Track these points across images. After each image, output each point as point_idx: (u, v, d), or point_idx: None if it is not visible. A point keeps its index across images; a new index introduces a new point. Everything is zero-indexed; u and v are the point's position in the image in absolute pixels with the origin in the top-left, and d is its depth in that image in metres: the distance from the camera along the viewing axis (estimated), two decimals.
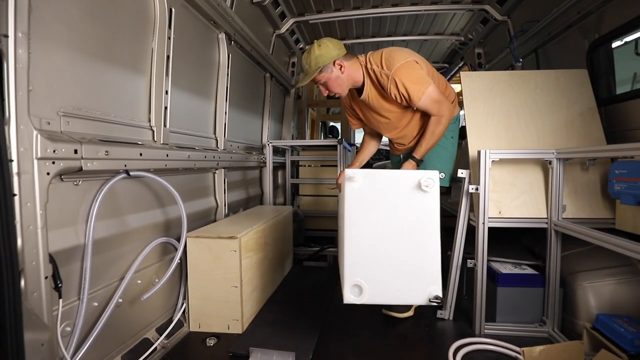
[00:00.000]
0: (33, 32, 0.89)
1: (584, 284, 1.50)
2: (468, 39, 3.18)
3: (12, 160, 0.80)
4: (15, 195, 0.79)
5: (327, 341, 1.52)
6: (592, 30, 1.79)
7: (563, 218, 1.51)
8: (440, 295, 1.24)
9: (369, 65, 1.65)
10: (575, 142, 1.64)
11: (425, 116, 1.64)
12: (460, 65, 3.67)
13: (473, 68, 3.26)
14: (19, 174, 0.83)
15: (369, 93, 1.69)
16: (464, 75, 1.82)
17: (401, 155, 1.96)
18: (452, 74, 4.05)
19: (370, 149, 1.96)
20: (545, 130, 1.68)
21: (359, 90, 1.71)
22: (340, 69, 1.61)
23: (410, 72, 1.54)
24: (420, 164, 1.67)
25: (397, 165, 2.00)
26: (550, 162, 1.51)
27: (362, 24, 3.04)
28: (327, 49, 1.58)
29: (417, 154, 1.65)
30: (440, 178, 1.59)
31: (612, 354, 1.14)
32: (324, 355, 1.41)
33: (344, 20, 2.91)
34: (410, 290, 1.24)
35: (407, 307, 1.73)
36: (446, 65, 3.99)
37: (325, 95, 1.71)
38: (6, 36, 0.80)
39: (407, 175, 1.26)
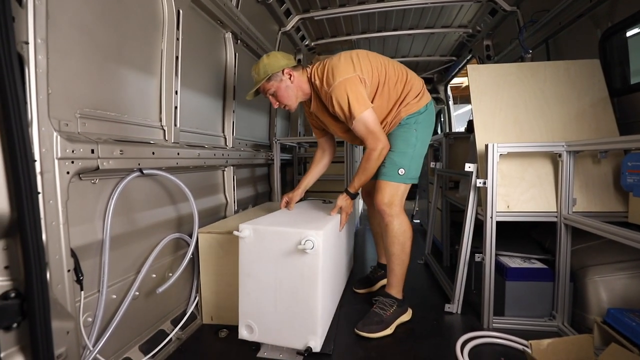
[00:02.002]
0: (50, 38, 0.93)
1: (595, 278, 1.48)
2: (476, 31, 3.13)
3: (35, 160, 0.84)
4: (39, 193, 0.84)
5: (337, 332, 1.55)
6: (604, 18, 1.75)
7: (573, 212, 1.50)
8: (313, 347, 1.33)
9: (312, 79, 1.59)
10: (586, 135, 1.61)
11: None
12: (468, 57, 3.61)
13: (482, 60, 3.22)
14: (41, 173, 0.87)
15: (316, 106, 1.65)
16: (471, 68, 1.81)
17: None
18: (460, 66, 4.00)
19: (319, 169, 1.92)
20: (554, 123, 1.66)
21: (310, 102, 1.67)
22: (290, 78, 1.56)
23: (349, 90, 1.46)
24: (355, 197, 1.67)
25: None
26: (560, 155, 1.50)
27: (368, 18, 3.03)
28: (275, 59, 1.55)
29: (351, 188, 1.63)
30: (399, 174, 1.58)
31: (622, 348, 1.13)
32: (332, 346, 1.44)
33: (350, 16, 2.91)
34: (292, 336, 1.37)
35: (379, 327, 1.55)
36: (454, 58, 3.94)
37: (276, 107, 1.66)
38: (27, 43, 0.84)
39: (291, 234, 1.33)
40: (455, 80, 5.81)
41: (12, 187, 0.75)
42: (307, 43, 3.44)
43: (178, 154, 1.55)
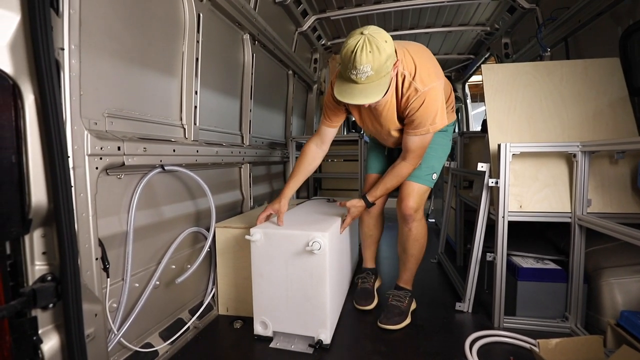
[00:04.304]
0: (82, 43, 1.01)
1: (610, 280, 1.46)
2: (494, 29, 3.08)
3: (68, 157, 0.92)
4: (72, 187, 0.92)
5: (345, 326, 1.59)
6: (625, 16, 1.71)
7: (588, 212, 1.48)
8: (323, 340, 1.41)
9: (400, 68, 1.29)
10: (604, 135, 1.58)
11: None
12: (486, 56, 3.56)
13: (500, 59, 3.17)
14: (73, 168, 0.95)
15: (389, 102, 1.38)
16: (485, 68, 1.79)
17: (386, 148, 1.78)
18: (478, 65, 3.94)
19: (312, 168, 1.62)
20: (570, 123, 1.63)
21: None
22: (394, 70, 1.24)
23: (441, 99, 1.33)
24: (370, 206, 1.59)
25: (380, 156, 1.82)
26: (574, 155, 1.48)
27: (384, 18, 3.03)
28: (391, 46, 1.15)
29: (371, 197, 1.54)
30: (432, 179, 1.61)
31: (633, 350, 1.12)
32: (341, 340, 1.49)
33: (366, 15, 2.92)
34: (304, 330, 1.45)
35: (402, 318, 1.60)
36: (472, 56, 3.88)
37: (367, 105, 1.30)
38: (62, 49, 0.91)
39: (299, 236, 1.39)
40: (476, 79, 5.69)
41: (50, 181, 0.83)
42: (323, 42, 3.47)
43: (197, 151, 1.62)
